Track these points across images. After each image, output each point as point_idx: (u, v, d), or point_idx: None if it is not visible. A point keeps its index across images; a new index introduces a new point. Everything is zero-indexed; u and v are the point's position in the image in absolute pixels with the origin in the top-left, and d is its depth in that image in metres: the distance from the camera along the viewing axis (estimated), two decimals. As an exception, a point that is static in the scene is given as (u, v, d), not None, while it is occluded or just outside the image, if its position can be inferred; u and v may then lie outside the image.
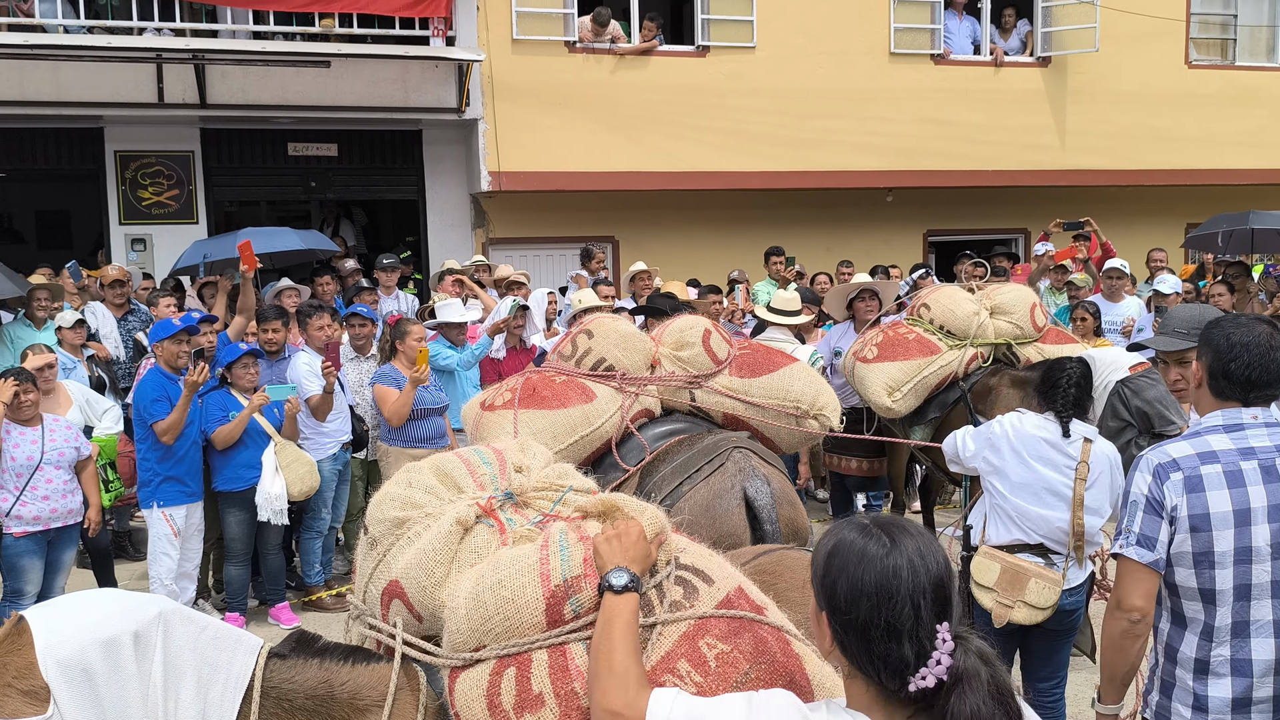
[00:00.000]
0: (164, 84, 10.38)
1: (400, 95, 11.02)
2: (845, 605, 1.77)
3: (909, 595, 1.73)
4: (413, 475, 2.70)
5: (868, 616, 1.74)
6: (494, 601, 2.21)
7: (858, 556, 1.78)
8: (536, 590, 2.19)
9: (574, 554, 2.24)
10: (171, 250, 10.64)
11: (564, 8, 11.55)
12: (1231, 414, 2.80)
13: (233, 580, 6.81)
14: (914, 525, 1.85)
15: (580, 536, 2.29)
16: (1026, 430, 4.10)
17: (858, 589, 1.76)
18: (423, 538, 2.47)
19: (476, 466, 2.68)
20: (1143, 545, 2.75)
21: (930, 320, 6.66)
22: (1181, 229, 13.85)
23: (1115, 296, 9.07)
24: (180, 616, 2.23)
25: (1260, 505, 2.70)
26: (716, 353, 4.57)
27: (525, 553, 2.29)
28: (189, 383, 6.14)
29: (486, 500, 2.53)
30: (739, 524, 3.60)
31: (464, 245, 12.04)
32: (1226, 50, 14.18)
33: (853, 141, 12.42)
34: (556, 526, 2.35)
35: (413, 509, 2.58)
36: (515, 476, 2.62)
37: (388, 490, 2.69)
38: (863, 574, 1.76)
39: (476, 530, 2.46)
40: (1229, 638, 2.71)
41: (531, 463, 2.74)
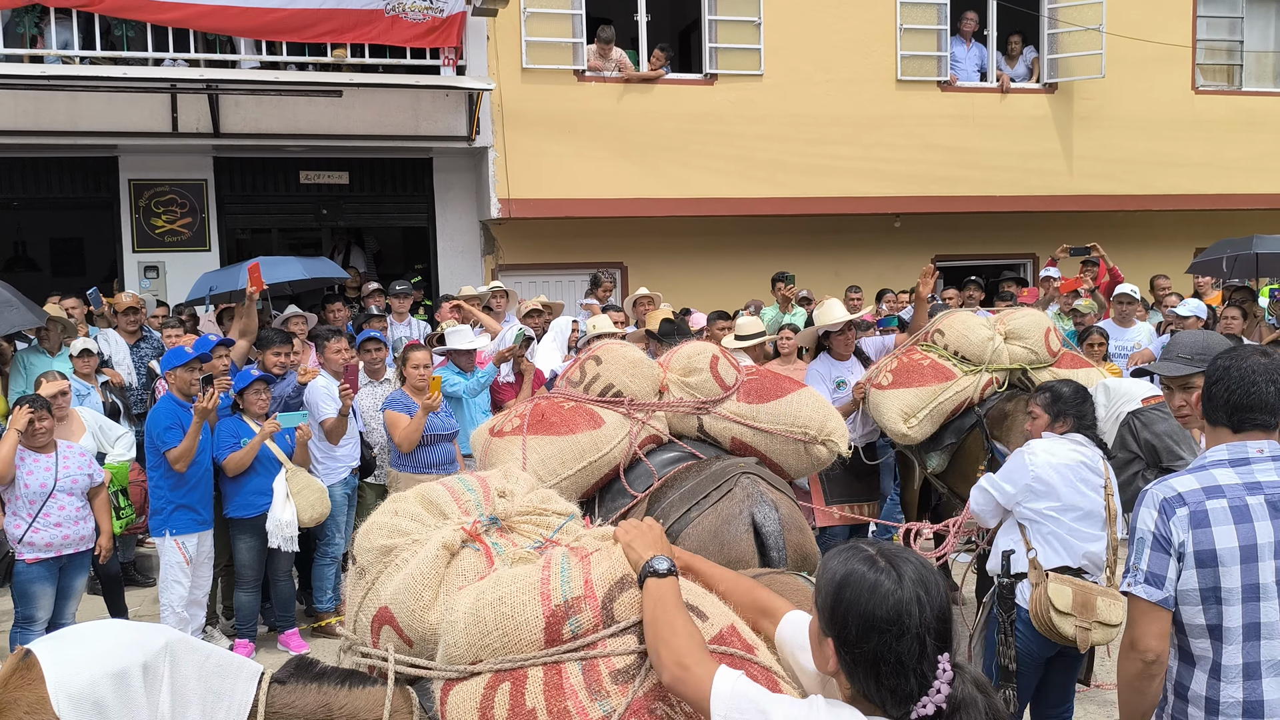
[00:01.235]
0: (178, 113, 10.51)
1: (411, 124, 11.12)
2: (856, 637, 1.82)
3: (918, 631, 1.79)
4: (399, 504, 2.76)
5: (878, 650, 1.80)
6: (493, 617, 2.25)
7: (869, 590, 1.82)
8: (537, 609, 2.23)
9: (575, 576, 2.28)
10: (184, 277, 10.73)
11: (573, 37, 11.66)
12: (1237, 448, 2.77)
13: (243, 607, 6.82)
14: (914, 555, 1.90)
15: (581, 558, 2.33)
16: (1063, 455, 4.15)
17: (869, 623, 1.81)
18: (410, 563, 2.51)
19: (461, 494, 2.73)
20: (1151, 583, 2.72)
21: (945, 346, 6.66)
22: (1189, 254, 13.85)
23: (1126, 322, 9.07)
24: (186, 646, 2.26)
25: (1267, 541, 2.67)
26: (724, 378, 4.58)
27: (527, 572, 2.33)
28: (200, 410, 6.18)
29: (471, 524, 2.56)
30: (747, 550, 3.60)
31: (474, 272, 12.11)
32: (1233, 76, 14.24)
33: (860, 168, 12.48)
34: (559, 550, 2.38)
35: (399, 536, 2.62)
36: (499, 501, 2.67)
37: (374, 519, 2.73)
38: (874, 609, 1.81)
39: (463, 554, 2.51)
40: (1240, 678, 2.68)
41: (515, 488, 2.78)
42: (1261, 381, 2.75)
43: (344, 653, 2.70)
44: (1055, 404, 4.33)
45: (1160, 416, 5.23)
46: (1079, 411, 4.29)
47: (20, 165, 10.96)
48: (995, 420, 6.31)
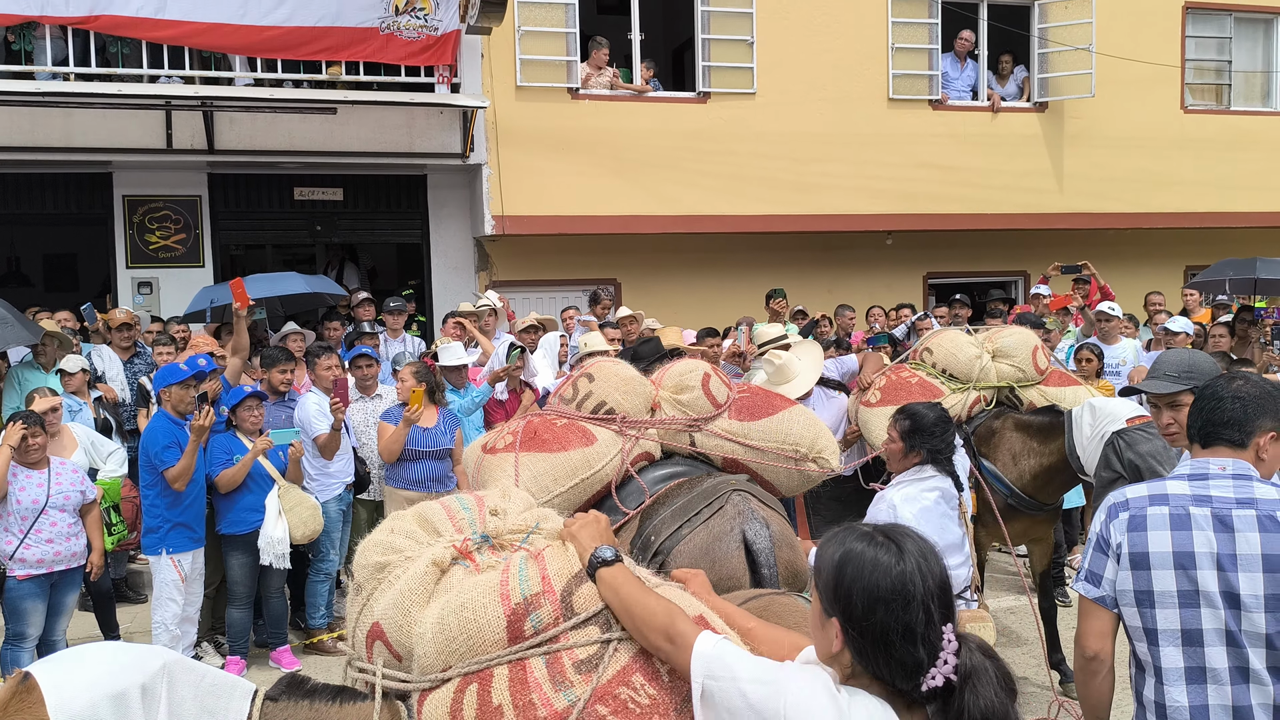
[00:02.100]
0: (173, 130, 10.54)
1: (405, 141, 11.17)
2: (863, 612, 1.85)
3: (922, 599, 1.82)
4: (395, 522, 2.82)
5: (885, 622, 1.83)
6: (457, 623, 2.32)
7: (871, 565, 1.87)
8: (497, 609, 2.30)
9: (531, 574, 2.35)
10: (177, 293, 10.75)
11: (567, 55, 11.73)
12: (1199, 463, 2.85)
13: (234, 624, 6.81)
14: (911, 530, 1.94)
15: (535, 556, 2.41)
16: (923, 500, 4.15)
17: (874, 596, 1.84)
18: (400, 580, 2.56)
19: (456, 512, 2.79)
20: (1089, 581, 2.87)
21: (933, 364, 6.70)
22: (1180, 271, 13.95)
23: (1109, 339, 9.13)
24: (182, 667, 2.29)
25: (1207, 551, 2.71)
26: (716, 396, 4.60)
27: (486, 578, 2.40)
28: (196, 427, 6.18)
29: (463, 542, 2.61)
30: (738, 567, 3.61)
31: (467, 288, 12.13)
32: (1221, 95, 14.36)
33: (852, 185, 12.56)
34: (517, 554, 2.47)
35: (393, 553, 2.68)
36: (491, 520, 2.71)
37: (372, 537, 2.80)
38: (878, 581, 1.85)
39: (453, 571, 2.56)
40: (1182, 681, 2.73)
41: (510, 507, 2.83)
42: (1228, 398, 2.84)
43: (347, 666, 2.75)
44: (912, 435, 4.24)
45: (1144, 437, 5.24)
46: (934, 445, 4.22)
47: (14, 181, 10.97)
48: (983, 438, 6.34)
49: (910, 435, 4.26)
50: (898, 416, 4.36)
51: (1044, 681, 6.37)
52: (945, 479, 4.25)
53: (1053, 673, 6.32)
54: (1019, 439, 6.18)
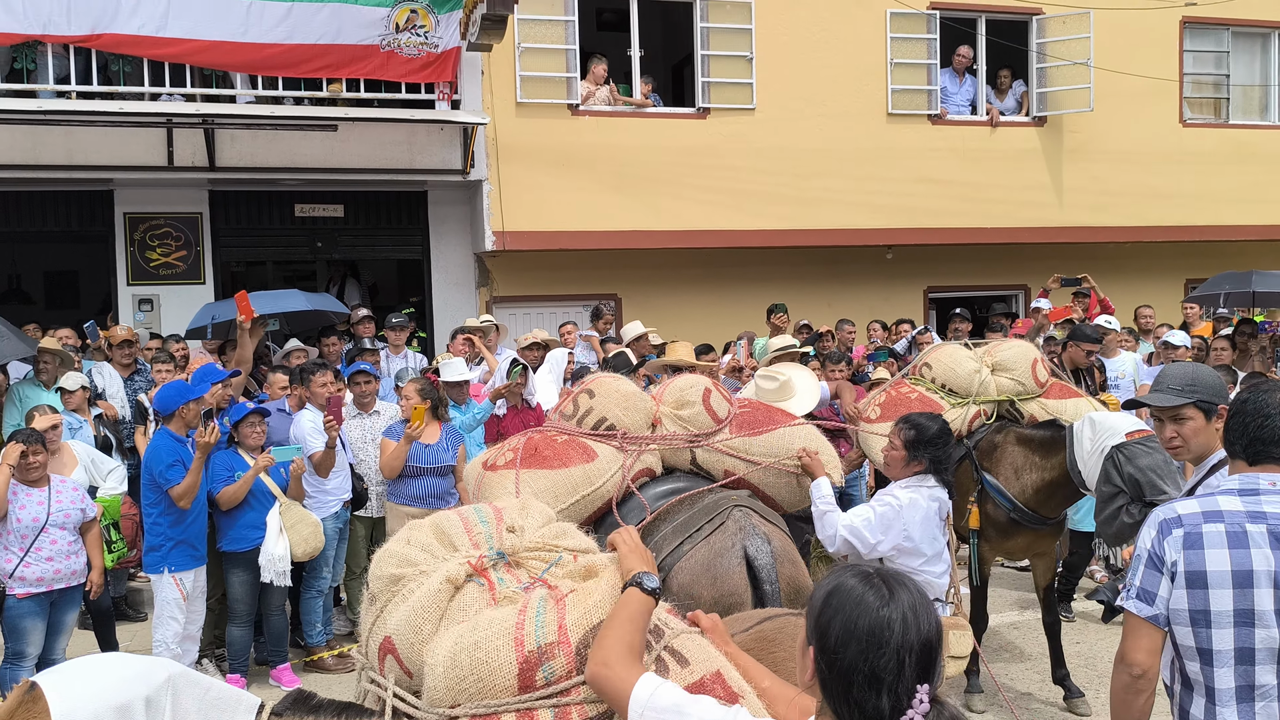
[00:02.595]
0: (174, 148, 10.57)
1: (406, 157, 11.20)
2: (835, 645, 1.83)
3: (896, 648, 1.79)
4: (412, 533, 2.78)
5: (853, 660, 1.80)
6: (469, 662, 2.28)
7: (855, 601, 1.85)
8: (510, 655, 2.25)
9: (549, 621, 2.29)
10: (178, 310, 10.76)
11: (566, 72, 11.78)
12: (1249, 479, 2.82)
13: (235, 641, 6.78)
14: (913, 582, 1.91)
15: (556, 601, 2.35)
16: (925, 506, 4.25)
17: (849, 632, 1.82)
18: (414, 595, 2.54)
19: (474, 525, 2.75)
20: (1142, 599, 2.79)
21: (932, 379, 6.69)
22: (1180, 284, 13.96)
23: (1109, 353, 9.12)
24: (187, 679, 2.28)
25: (1265, 569, 2.69)
26: (717, 411, 4.60)
27: (503, 615, 2.35)
28: (202, 444, 6.17)
29: (478, 559, 2.58)
30: (740, 583, 3.59)
31: (468, 304, 12.15)
32: (1220, 109, 14.41)
33: (852, 200, 12.58)
34: (536, 593, 2.40)
35: (408, 566, 2.65)
36: (508, 536, 2.67)
37: (388, 548, 2.76)
38: (857, 618, 1.83)
39: (467, 588, 2.52)
40: (1234, 701, 2.70)
41: (528, 522, 2.79)
42: (1276, 415, 2.81)
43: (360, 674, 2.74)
44: (915, 446, 4.33)
45: (1144, 451, 5.22)
46: (936, 455, 4.31)
47: (15, 199, 11.00)
48: (985, 452, 6.33)
49: (914, 445, 4.32)
50: (901, 425, 4.42)
51: (1048, 697, 6.35)
52: (942, 490, 4.31)
53: (1057, 687, 6.31)
54: (1021, 453, 6.17)
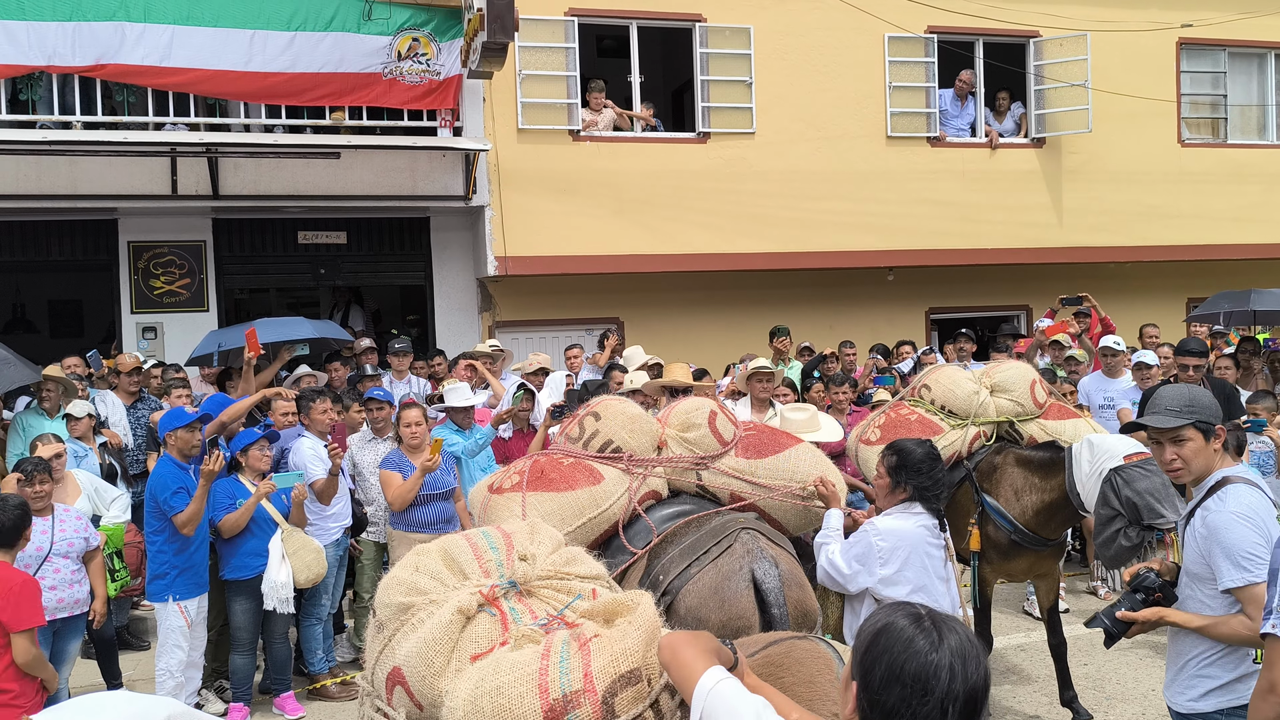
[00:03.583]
0: (178, 176, 10.64)
1: (408, 184, 11.26)
2: (879, 686, 1.80)
3: (941, 698, 1.76)
4: (420, 559, 2.72)
5: (896, 705, 1.78)
6: (491, 708, 2.20)
7: (904, 644, 1.81)
8: (535, 701, 2.18)
9: (574, 667, 2.22)
10: (182, 338, 10.79)
11: (567, 98, 11.85)
12: None
13: (238, 670, 6.74)
14: (964, 627, 1.87)
15: (581, 645, 2.27)
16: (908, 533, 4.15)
17: (894, 675, 1.79)
18: (424, 625, 2.49)
19: (484, 552, 2.70)
20: None
21: (931, 400, 6.68)
22: (1181, 303, 13.97)
23: (1114, 373, 9.12)
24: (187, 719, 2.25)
25: None
26: (722, 434, 4.59)
27: (525, 659, 2.27)
28: (205, 472, 6.17)
29: (490, 589, 2.53)
30: (748, 606, 3.58)
31: (471, 329, 12.17)
32: (1218, 129, 14.48)
33: (853, 223, 12.62)
34: (559, 636, 2.33)
35: (417, 595, 2.60)
36: (520, 565, 2.63)
37: (395, 574, 2.72)
38: (904, 662, 1.80)
39: (479, 619, 2.48)
40: None
41: (539, 549, 2.75)
42: None
43: (363, 700, 2.70)
44: (898, 471, 4.23)
45: (1142, 474, 5.19)
46: (920, 481, 4.19)
47: (20, 228, 11.05)
48: (984, 473, 6.31)
49: (896, 471, 4.23)
50: (886, 452, 4.33)
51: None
52: (931, 517, 4.20)
53: (1065, 710, 6.27)
54: (1021, 475, 6.15)
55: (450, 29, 10.65)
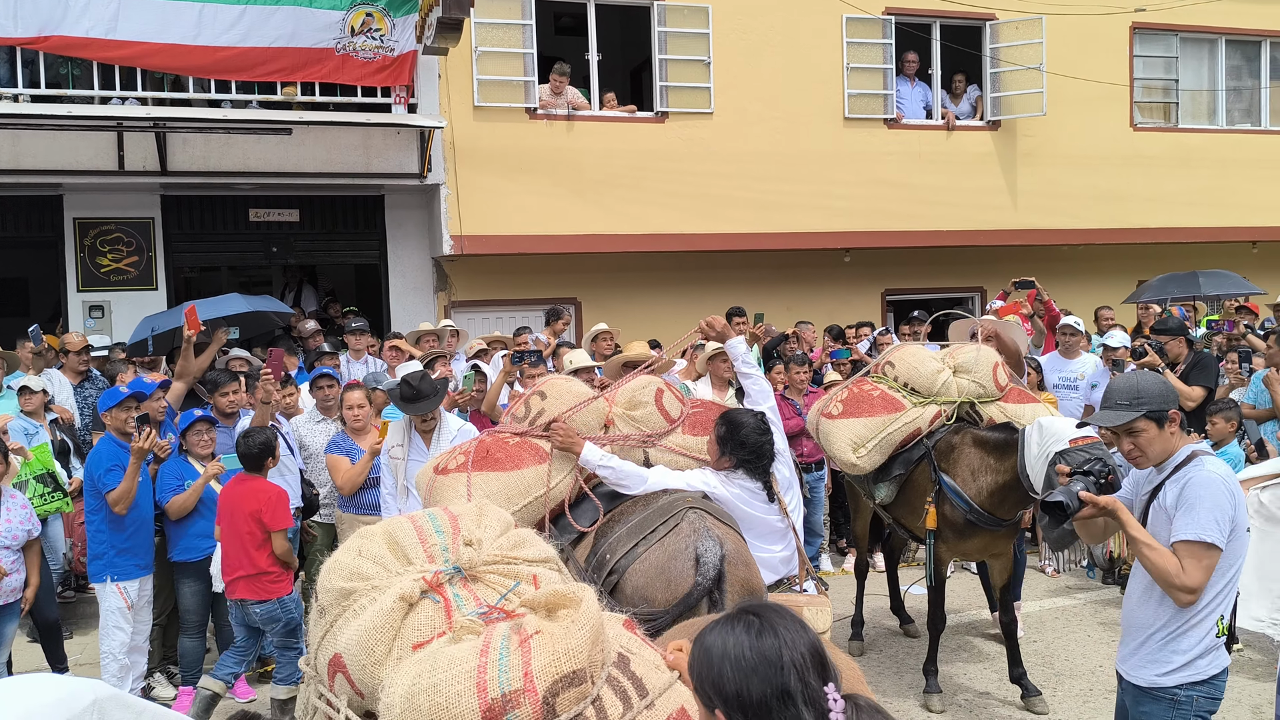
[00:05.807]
0: (124, 151, 10.40)
1: (362, 161, 11.10)
2: (736, 691, 1.83)
3: (791, 663, 1.82)
4: (363, 543, 2.67)
5: (761, 692, 1.82)
6: (428, 706, 2.15)
7: (734, 643, 1.87)
8: (473, 700, 2.13)
9: (514, 665, 2.16)
10: (130, 317, 10.57)
11: (524, 75, 11.74)
12: None
13: (187, 653, 6.65)
14: (776, 606, 1.95)
15: (522, 641, 2.22)
16: (734, 490, 4.33)
17: (744, 670, 1.84)
18: (366, 613, 2.43)
19: (429, 535, 2.64)
20: None
21: (895, 378, 6.72)
22: (1131, 285, 14.18)
23: (1071, 353, 9.22)
24: (116, 703, 2.18)
25: None
26: (669, 412, 4.59)
27: (463, 655, 2.21)
28: (137, 449, 6.06)
29: (433, 575, 2.49)
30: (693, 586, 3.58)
31: (426, 309, 12.06)
32: (1169, 113, 14.65)
33: (810, 204, 12.64)
34: (499, 629, 2.28)
35: (360, 580, 2.55)
36: (465, 550, 2.58)
37: (337, 558, 2.66)
38: (743, 655, 1.84)
39: (421, 606, 2.43)
40: None
41: (485, 532, 2.69)
42: None
43: (307, 685, 2.66)
44: (725, 443, 4.40)
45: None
46: (743, 455, 4.36)
47: (-39, 204, 10.78)
48: (943, 452, 6.36)
49: (724, 442, 4.40)
50: (719, 421, 4.48)
51: (1006, 696, 6.39)
52: (754, 480, 4.37)
53: (1014, 686, 6.36)
54: (977, 455, 6.20)
55: (405, 4, 10.47)
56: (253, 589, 6.02)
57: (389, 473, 6.12)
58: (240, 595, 6.05)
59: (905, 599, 7.75)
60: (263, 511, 5.98)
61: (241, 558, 6.02)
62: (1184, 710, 3.42)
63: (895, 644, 7.45)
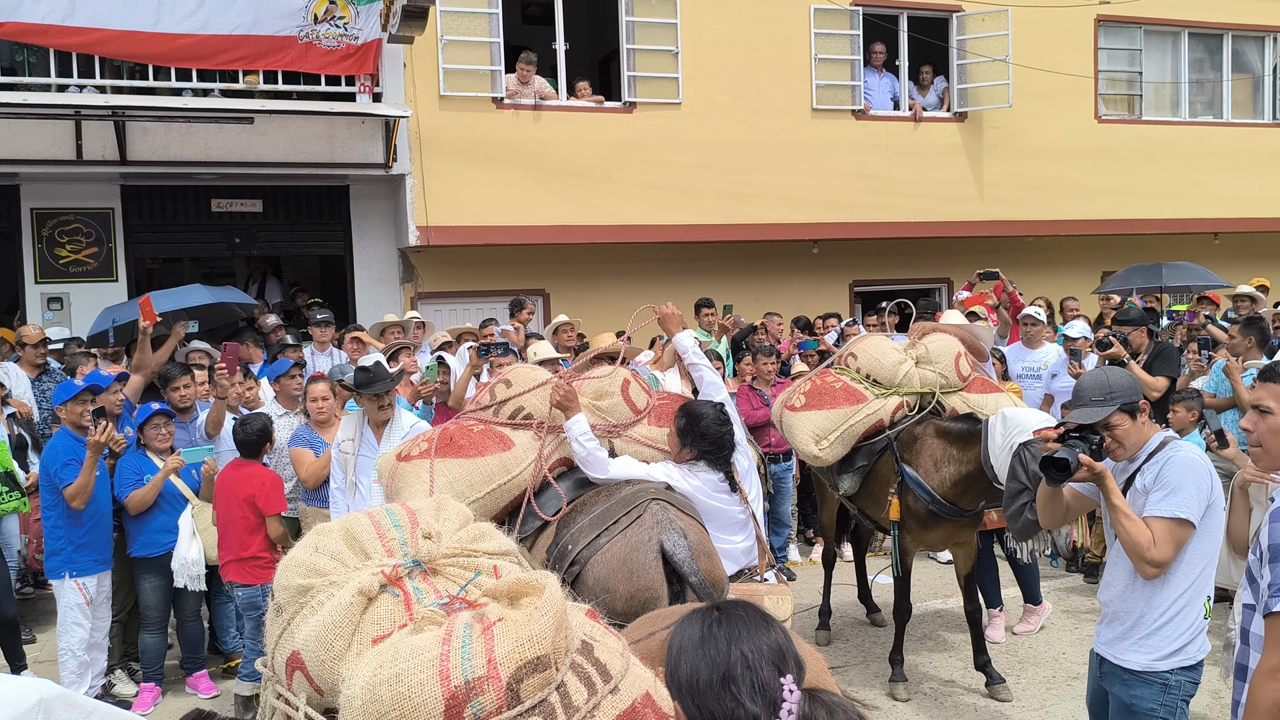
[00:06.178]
0: (83, 140, 10.22)
1: (326, 151, 10.97)
2: (689, 686, 1.87)
3: (741, 656, 1.84)
4: (320, 539, 2.63)
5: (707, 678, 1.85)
6: (390, 696, 2.11)
7: (691, 640, 1.90)
8: (436, 689, 2.09)
9: (476, 652, 2.13)
10: (90, 309, 10.41)
11: (491, 65, 11.65)
12: None
13: (148, 649, 6.57)
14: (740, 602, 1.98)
15: (485, 629, 2.19)
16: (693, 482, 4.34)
17: (696, 666, 1.87)
18: (324, 608, 2.39)
19: (386, 530, 2.61)
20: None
21: (857, 369, 6.73)
22: (1096, 276, 14.31)
23: (1033, 343, 9.29)
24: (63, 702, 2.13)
25: None
26: (635, 402, 4.57)
27: (425, 644, 2.18)
28: (93, 443, 5.96)
29: (392, 568, 2.45)
30: (656, 578, 3.55)
31: (392, 300, 11.96)
32: (1133, 105, 14.79)
33: (778, 195, 12.65)
34: (461, 618, 2.24)
35: (317, 576, 2.51)
36: (424, 543, 2.55)
37: (294, 555, 2.61)
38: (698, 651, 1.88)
39: (381, 600, 2.39)
40: None
41: (444, 525, 2.66)
42: None
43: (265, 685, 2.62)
44: (685, 435, 4.41)
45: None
46: (703, 447, 4.37)
47: (-86, 194, 10.56)
48: (905, 444, 6.37)
49: (684, 434, 4.41)
50: (679, 412, 4.49)
51: (970, 684, 6.44)
52: (714, 472, 4.38)
53: (979, 674, 6.40)
54: (940, 446, 6.22)
55: (369, -8, 10.36)
56: (240, 572, 6.27)
57: (339, 467, 6.04)
58: (230, 578, 6.33)
59: (873, 588, 7.79)
60: (257, 496, 6.25)
61: (234, 541, 6.26)
62: (1173, 694, 3.50)
63: (862, 633, 7.48)
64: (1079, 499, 3.86)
